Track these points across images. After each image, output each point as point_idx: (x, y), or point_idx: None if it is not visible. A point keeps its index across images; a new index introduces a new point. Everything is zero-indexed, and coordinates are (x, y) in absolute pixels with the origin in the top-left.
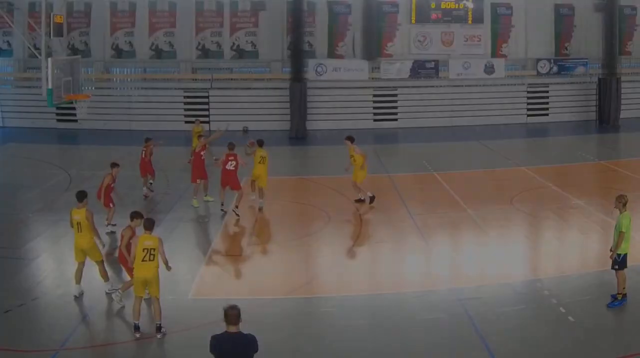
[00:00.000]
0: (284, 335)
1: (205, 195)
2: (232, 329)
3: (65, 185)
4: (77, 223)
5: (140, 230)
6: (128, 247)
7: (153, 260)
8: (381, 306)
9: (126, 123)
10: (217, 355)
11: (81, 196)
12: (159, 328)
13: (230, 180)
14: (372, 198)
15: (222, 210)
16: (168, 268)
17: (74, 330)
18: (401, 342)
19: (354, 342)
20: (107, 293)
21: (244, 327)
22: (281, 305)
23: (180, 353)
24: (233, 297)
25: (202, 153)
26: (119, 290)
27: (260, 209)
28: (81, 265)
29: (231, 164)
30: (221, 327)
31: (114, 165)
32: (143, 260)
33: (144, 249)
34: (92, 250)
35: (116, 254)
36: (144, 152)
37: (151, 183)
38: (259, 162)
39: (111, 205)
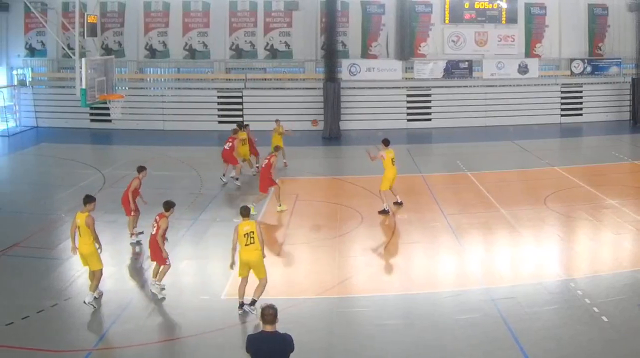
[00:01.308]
0: (317, 335)
1: (279, 205)
2: (269, 328)
3: (99, 185)
4: (78, 228)
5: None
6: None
7: (254, 243)
8: (414, 306)
9: (159, 123)
10: (253, 355)
11: (86, 200)
12: (253, 302)
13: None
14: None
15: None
16: (263, 254)
17: (107, 330)
18: (434, 342)
19: (387, 342)
20: (85, 303)
21: (278, 327)
22: (314, 305)
23: (214, 353)
24: (266, 297)
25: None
26: (157, 282)
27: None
28: (90, 272)
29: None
30: (254, 327)
31: (141, 168)
32: (246, 245)
33: (244, 235)
34: (91, 257)
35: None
36: (230, 142)
37: (227, 175)
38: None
39: (132, 213)
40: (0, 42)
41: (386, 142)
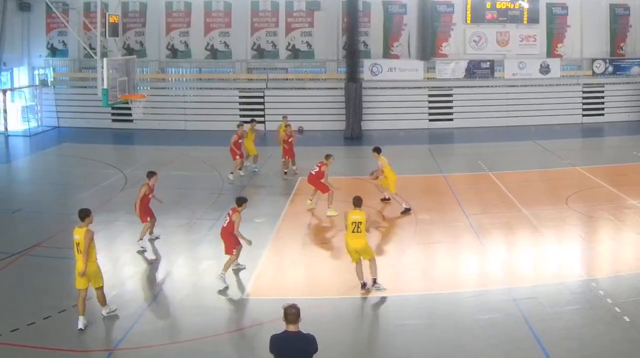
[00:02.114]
0: (339, 335)
1: (330, 208)
2: (292, 328)
3: (121, 185)
4: (77, 244)
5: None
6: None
7: (360, 231)
8: (436, 306)
9: (181, 123)
10: (277, 355)
11: (83, 214)
12: (374, 281)
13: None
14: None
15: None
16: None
17: (128, 330)
18: (456, 342)
19: (409, 341)
20: (105, 316)
21: (301, 327)
22: (337, 305)
23: (236, 353)
24: (289, 296)
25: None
26: (223, 272)
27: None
28: (83, 292)
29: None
30: (277, 327)
31: (151, 174)
32: (353, 232)
33: (352, 223)
34: (95, 274)
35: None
36: (284, 136)
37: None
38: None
39: (148, 218)
40: (22, 42)
41: (378, 150)
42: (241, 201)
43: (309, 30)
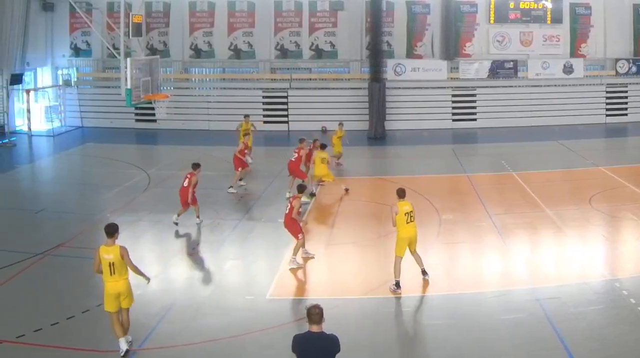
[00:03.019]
0: (362, 335)
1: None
2: (315, 329)
3: (144, 185)
4: (110, 264)
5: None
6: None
7: (413, 221)
8: (460, 306)
9: (205, 123)
10: (299, 355)
11: (112, 229)
12: (424, 272)
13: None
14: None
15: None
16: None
17: (152, 330)
18: (479, 342)
19: (433, 341)
20: (127, 349)
21: (324, 326)
22: (360, 304)
23: (259, 353)
24: (311, 297)
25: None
26: (294, 258)
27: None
28: (116, 315)
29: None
30: (300, 327)
31: (197, 165)
32: (407, 222)
33: (405, 213)
34: (129, 294)
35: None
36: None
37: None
38: None
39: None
40: (45, 42)
41: (401, 194)
42: (302, 188)
43: (333, 30)
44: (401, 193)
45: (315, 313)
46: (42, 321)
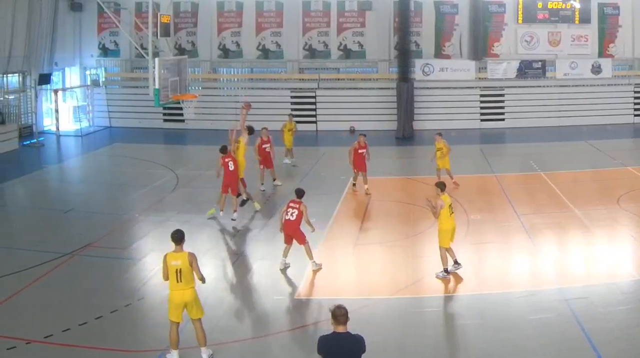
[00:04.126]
0: (390, 335)
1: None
2: (340, 329)
3: (172, 186)
4: (177, 271)
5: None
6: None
7: (453, 213)
8: (487, 306)
9: (233, 123)
10: (325, 355)
11: (179, 236)
12: (456, 262)
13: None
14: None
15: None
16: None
17: (180, 330)
18: (508, 342)
19: (461, 342)
20: None
21: (351, 327)
22: (388, 305)
23: (286, 354)
24: (339, 297)
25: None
26: (314, 261)
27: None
28: (177, 326)
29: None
30: (327, 327)
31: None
32: (451, 214)
33: (449, 205)
34: (196, 303)
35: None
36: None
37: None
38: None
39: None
40: (73, 43)
41: (442, 187)
42: (303, 193)
43: (361, 30)
44: (443, 187)
45: (340, 314)
46: (71, 321)
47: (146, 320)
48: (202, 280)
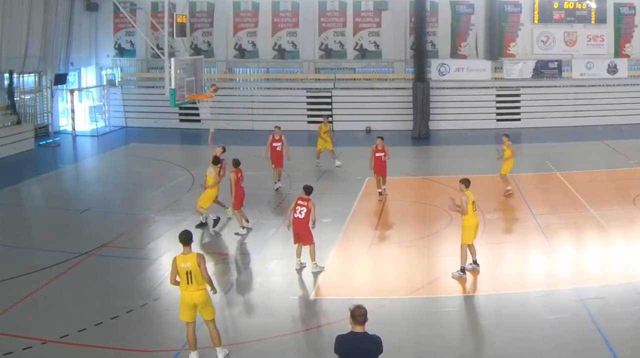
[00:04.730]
0: (406, 335)
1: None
2: (358, 329)
3: (188, 186)
4: (188, 273)
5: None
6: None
7: (476, 209)
8: (504, 306)
9: (249, 123)
10: (342, 355)
11: (187, 237)
12: (475, 262)
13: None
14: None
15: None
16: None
17: (196, 330)
18: (524, 342)
19: (477, 342)
20: None
21: (367, 327)
22: (404, 305)
23: (302, 354)
24: (355, 297)
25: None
26: (316, 263)
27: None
28: (191, 326)
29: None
30: (343, 327)
31: (237, 163)
32: (474, 211)
33: (472, 202)
34: (207, 304)
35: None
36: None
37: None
38: None
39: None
40: (89, 42)
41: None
42: (311, 189)
43: (377, 30)
44: (467, 183)
45: (359, 315)
46: (87, 321)
47: (162, 320)
48: (211, 286)
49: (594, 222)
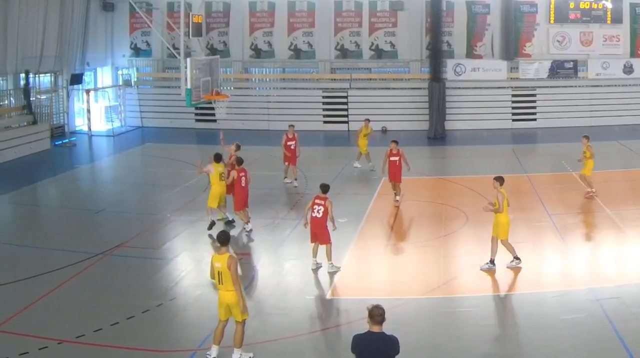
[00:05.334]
0: (422, 335)
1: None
2: (376, 329)
3: (204, 185)
4: (218, 273)
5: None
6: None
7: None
8: (519, 306)
9: (264, 123)
10: (358, 355)
11: (224, 238)
12: (517, 258)
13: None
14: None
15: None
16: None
17: (212, 330)
18: (539, 342)
19: (493, 341)
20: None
21: (384, 327)
22: (420, 305)
23: (318, 354)
24: (371, 297)
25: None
26: (332, 263)
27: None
28: (222, 324)
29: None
30: (360, 327)
31: (240, 161)
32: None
33: (506, 199)
34: (237, 306)
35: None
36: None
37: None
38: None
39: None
40: (105, 42)
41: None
42: (328, 188)
43: (393, 30)
44: (502, 181)
45: (377, 314)
46: (102, 321)
47: (178, 320)
48: (238, 288)
49: (610, 221)
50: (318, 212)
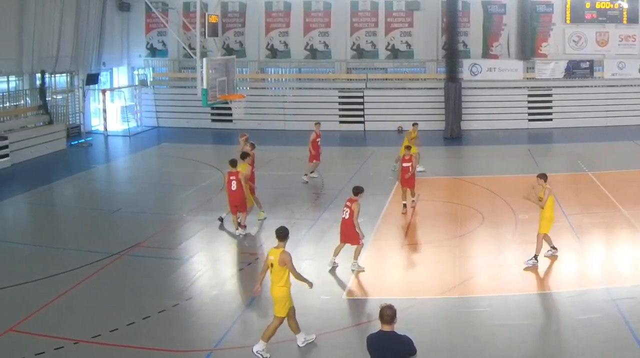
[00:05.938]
0: (438, 335)
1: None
2: (386, 328)
3: (220, 185)
4: (271, 266)
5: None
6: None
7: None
8: (535, 306)
9: (280, 123)
10: (371, 353)
11: (283, 233)
12: (553, 247)
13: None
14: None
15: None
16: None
17: (228, 330)
18: (556, 342)
19: (509, 342)
20: (254, 352)
21: (399, 327)
22: (435, 305)
23: (334, 353)
24: (387, 296)
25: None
26: (356, 262)
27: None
28: (278, 322)
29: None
30: (376, 327)
31: (233, 163)
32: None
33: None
34: (280, 301)
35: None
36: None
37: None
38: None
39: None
40: (121, 42)
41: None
42: (358, 190)
43: (409, 30)
44: (545, 178)
45: (386, 314)
46: (119, 321)
47: (194, 320)
48: (305, 281)
49: (626, 222)
50: (346, 213)
